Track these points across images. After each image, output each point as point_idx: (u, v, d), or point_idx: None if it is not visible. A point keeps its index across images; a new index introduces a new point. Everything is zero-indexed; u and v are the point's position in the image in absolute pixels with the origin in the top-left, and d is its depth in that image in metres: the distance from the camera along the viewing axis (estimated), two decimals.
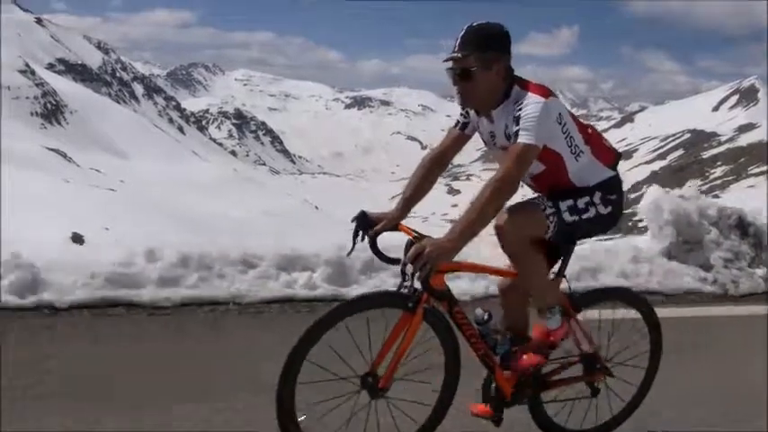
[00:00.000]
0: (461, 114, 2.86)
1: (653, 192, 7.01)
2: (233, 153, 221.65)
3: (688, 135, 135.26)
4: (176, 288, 4.88)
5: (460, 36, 2.56)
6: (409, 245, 2.49)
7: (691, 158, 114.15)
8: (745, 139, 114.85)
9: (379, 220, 2.79)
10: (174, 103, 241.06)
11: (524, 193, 2.82)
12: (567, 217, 2.72)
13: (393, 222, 2.78)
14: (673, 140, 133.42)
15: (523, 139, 2.48)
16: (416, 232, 2.60)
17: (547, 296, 2.88)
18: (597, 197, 2.78)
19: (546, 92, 2.57)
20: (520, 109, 2.52)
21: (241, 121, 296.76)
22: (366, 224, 2.75)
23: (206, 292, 4.92)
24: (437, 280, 2.55)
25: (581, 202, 2.75)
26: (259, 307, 4.95)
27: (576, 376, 3.05)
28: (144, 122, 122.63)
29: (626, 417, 3.22)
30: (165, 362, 3.82)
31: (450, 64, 2.59)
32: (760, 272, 6.51)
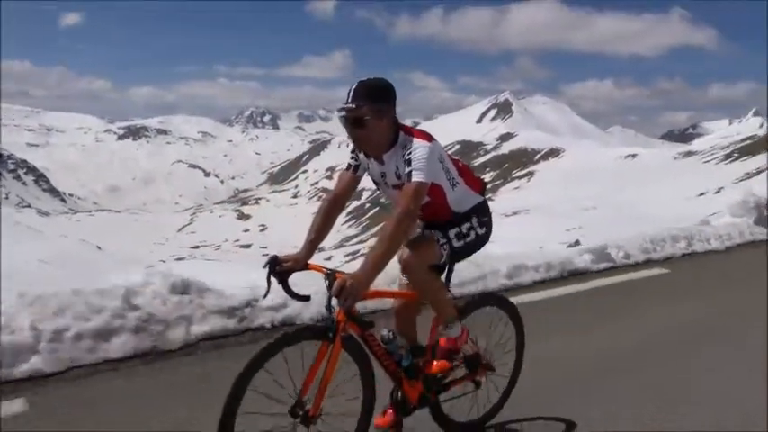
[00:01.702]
0: (351, 158, 3.20)
1: (734, 194, 12.33)
2: None
3: (459, 146, 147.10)
4: None
5: (353, 89, 2.86)
6: (330, 280, 2.77)
7: None
8: (506, 147, 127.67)
9: (287, 262, 3.01)
10: None
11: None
12: (456, 243, 3.22)
13: (301, 263, 3.04)
14: (446, 151, 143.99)
15: (416, 177, 2.87)
16: (326, 268, 2.89)
17: (448, 311, 3.32)
18: (475, 221, 3.30)
19: (429, 137, 3.01)
20: (410, 153, 2.91)
21: None
22: (277, 267, 2.98)
23: None
24: (353, 308, 2.83)
25: (464, 228, 3.25)
26: None
27: (463, 376, 3.51)
28: None
29: (503, 403, 3.74)
30: None
31: (344, 113, 2.88)
32: None
